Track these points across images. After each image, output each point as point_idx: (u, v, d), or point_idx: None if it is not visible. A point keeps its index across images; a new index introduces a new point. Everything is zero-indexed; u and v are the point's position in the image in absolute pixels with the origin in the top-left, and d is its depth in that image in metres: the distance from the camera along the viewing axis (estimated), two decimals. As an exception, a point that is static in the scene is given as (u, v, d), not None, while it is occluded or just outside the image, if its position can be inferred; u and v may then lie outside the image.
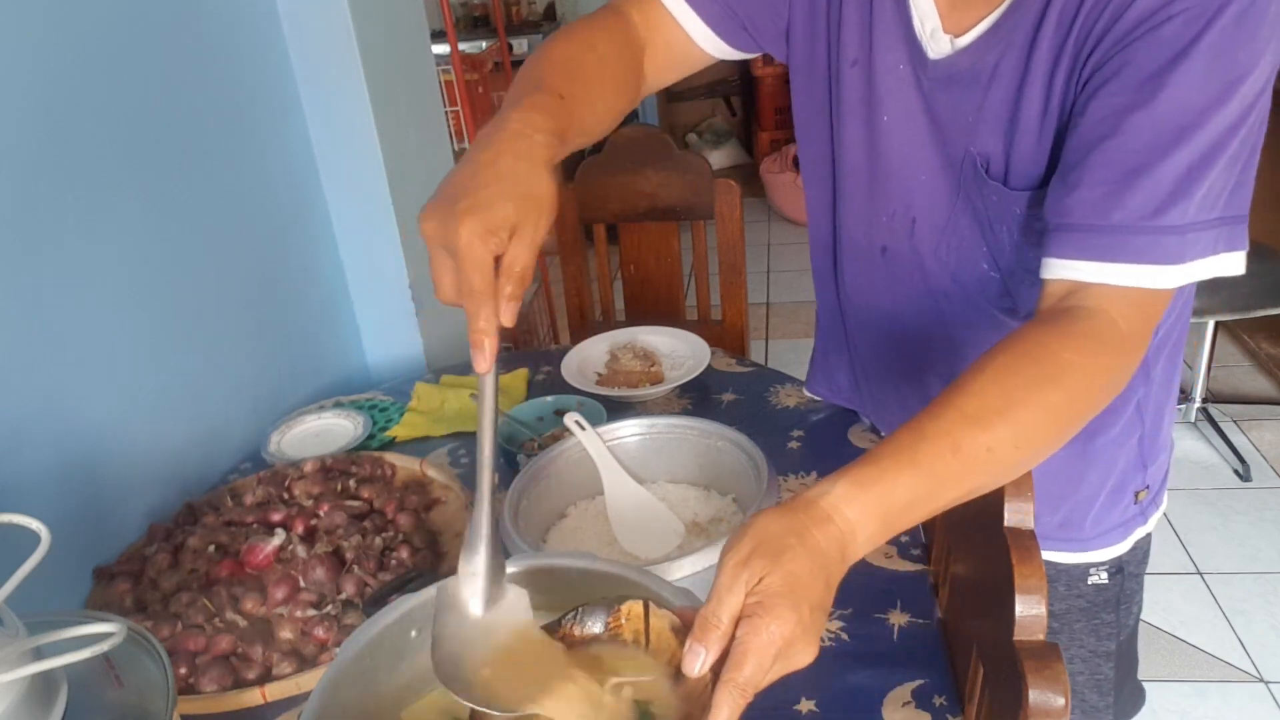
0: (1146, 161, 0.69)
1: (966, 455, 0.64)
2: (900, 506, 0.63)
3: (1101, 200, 0.70)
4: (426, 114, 1.79)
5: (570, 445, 1.03)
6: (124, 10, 1.17)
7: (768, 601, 0.57)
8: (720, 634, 0.57)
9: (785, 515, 0.61)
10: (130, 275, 1.18)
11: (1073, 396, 0.68)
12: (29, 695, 0.53)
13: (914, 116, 0.87)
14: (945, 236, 0.89)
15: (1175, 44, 0.68)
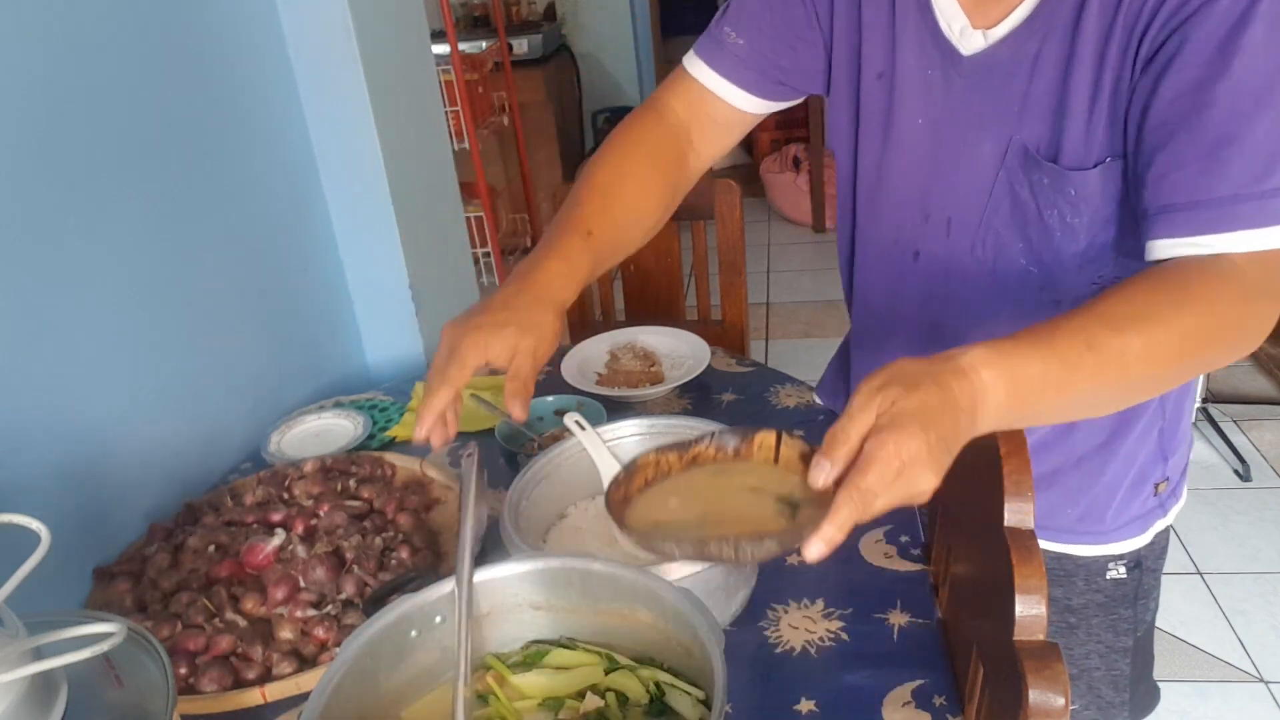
0: (1235, 131, 0.70)
1: (1099, 352, 0.66)
2: (1032, 382, 0.65)
3: (1200, 176, 0.71)
4: (426, 114, 1.79)
5: (570, 445, 1.03)
6: (123, 10, 1.17)
7: (899, 420, 0.59)
8: (848, 449, 0.60)
9: (925, 361, 0.64)
10: (130, 275, 1.18)
11: (1203, 325, 0.69)
12: (29, 695, 0.53)
13: (949, 117, 0.88)
14: (982, 233, 0.90)
15: (1233, 12, 0.69)
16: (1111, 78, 0.77)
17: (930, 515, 1.12)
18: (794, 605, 0.97)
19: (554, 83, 4.21)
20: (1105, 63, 0.77)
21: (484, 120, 2.66)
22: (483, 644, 0.79)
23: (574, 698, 0.73)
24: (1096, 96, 0.78)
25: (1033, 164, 0.84)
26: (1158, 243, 0.74)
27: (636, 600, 0.74)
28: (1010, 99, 0.84)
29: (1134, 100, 0.76)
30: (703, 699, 0.70)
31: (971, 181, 0.89)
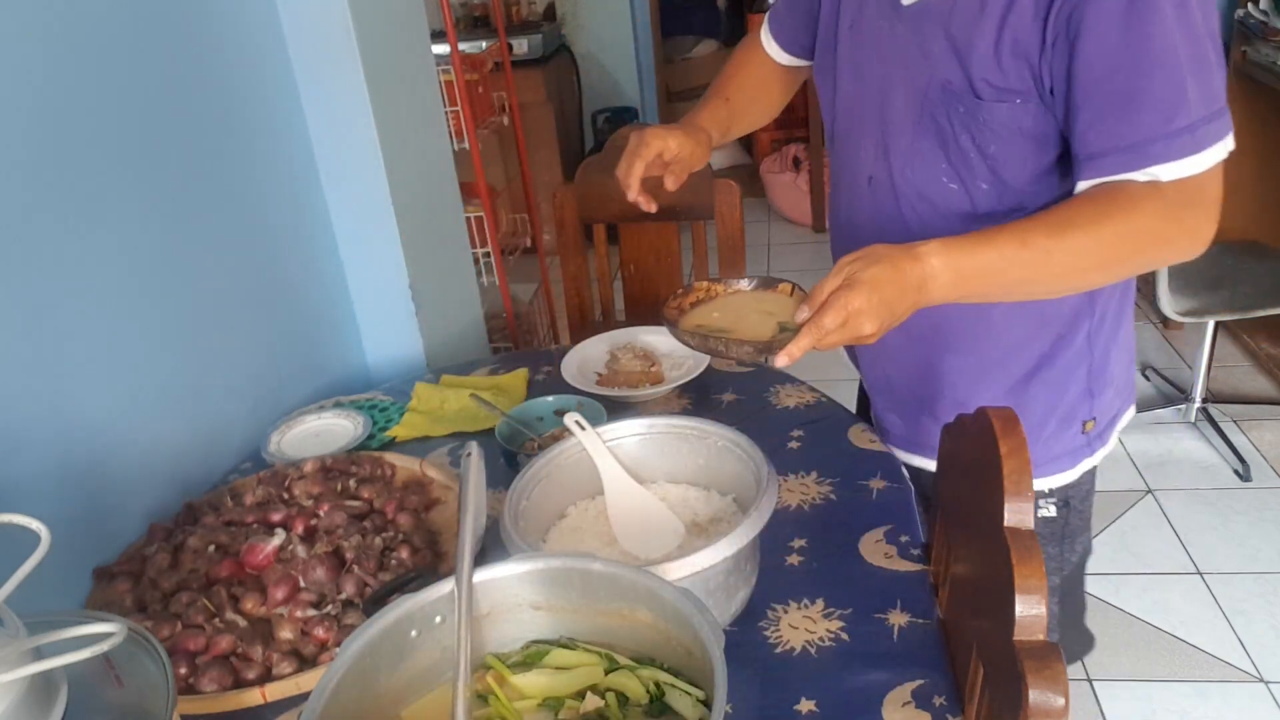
0: (1140, 86, 0.86)
1: (1031, 249, 0.87)
2: (973, 269, 0.87)
3: (1116, 125, 0.87)
4: (426, 114, 1.79)
5: (570, 445, 1.03)
6: (123, 11, 1.17)
7: (854, 282, 0.84)
8: (819, 300, 0.86)
9: (890, 247, 0.87)
10: (130, 275, 1.18)
11: (1121, 232, 0.88)
12: (29, 695, 0.53)
13: (889, 55, 1.05)
14: (910, 157, 1.06)
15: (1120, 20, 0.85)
16: (1011, 36, 0.92)
17: (930, 515, 1.12)
18: (794, 605, 0.97)
19: (554, 83, 4.20)
20: (1007, 21, 0.92)
21: (484, 120, 2.66)
22: (483, 644, 0.79)
23: (574, 698, 0.74)
24: (999, 46, 0.93)
25: (951, 95, 0.99)
26: (1086, 183, 0.91)
27: (636, 600, 0.74)
28: (935, 41, 0.99)
29: (1053, 70, 0.92)
30: (703, 699, 0.70)
31: (905, 111, 1.05)
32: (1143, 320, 3.39)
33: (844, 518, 1.10)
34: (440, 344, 1.77)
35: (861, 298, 0.84)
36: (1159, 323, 3.36)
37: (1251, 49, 3.03)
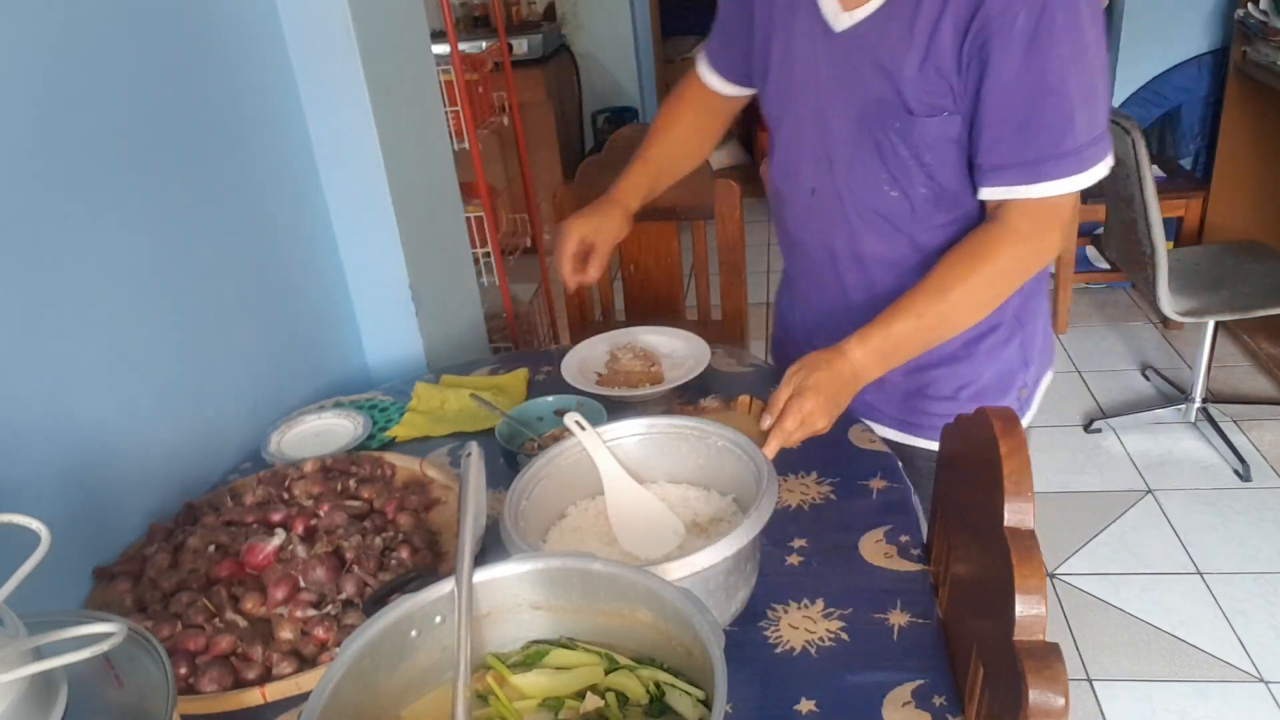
0: (1037, 111, 1.00)
1: (926, 317, 1.06)
2: (889, 348, 1.07)
3: (1013, 144, 1.03)
4: (426, 114, 1.79)
5: (570, 445, 1.03)
6: (123, 11, 1.17)
7: (804, 390, 1.02)
8: (777, 408, 1.03)
9: (823, 352, 1.05)
10: (131, 276, 1.18)
11: (996, 272, 1.07)
12: (29, 695, 0.53)
13: (824, 76, 1.15)
14: (851, 169, 1.17)
15: (1027, 29, 0.97)
16: (935, 57, 1.04)
17: (930, 515, 1.12)
18: (794, 605, 0.97)
19: (554, 83, 4.21)
20: (931, 49, 1.04)
21: (484, 120, 2.66)
22: (483, 644, 0.79)
23: (574, 698, 0.74)
24: (924, 66, 1.05)
25: (886, 110, 1.10)
26: (986, 189, 1.08)
27: (636, 600, 0.74)
28: (867, 63, 1.10)
29: (965, 88, 1.05)
30: (703, 699, 0.70)
31: (844, 127, 1.15)
32: (1143, 320, 3.39)
33: (844, 518, 1.10)
34: (440, 344, 1.77)
35: (811, 401, 1.02)
36: (1159, 323, 3.36)
37: (1251, 49, 3.03)
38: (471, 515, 0.83)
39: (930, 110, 1.07)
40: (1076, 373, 3.10)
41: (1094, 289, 3.63)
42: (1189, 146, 3.56)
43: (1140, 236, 2.41)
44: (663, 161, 1.38)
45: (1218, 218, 3.27)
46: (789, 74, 1.19)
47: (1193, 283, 2.53)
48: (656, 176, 1.37)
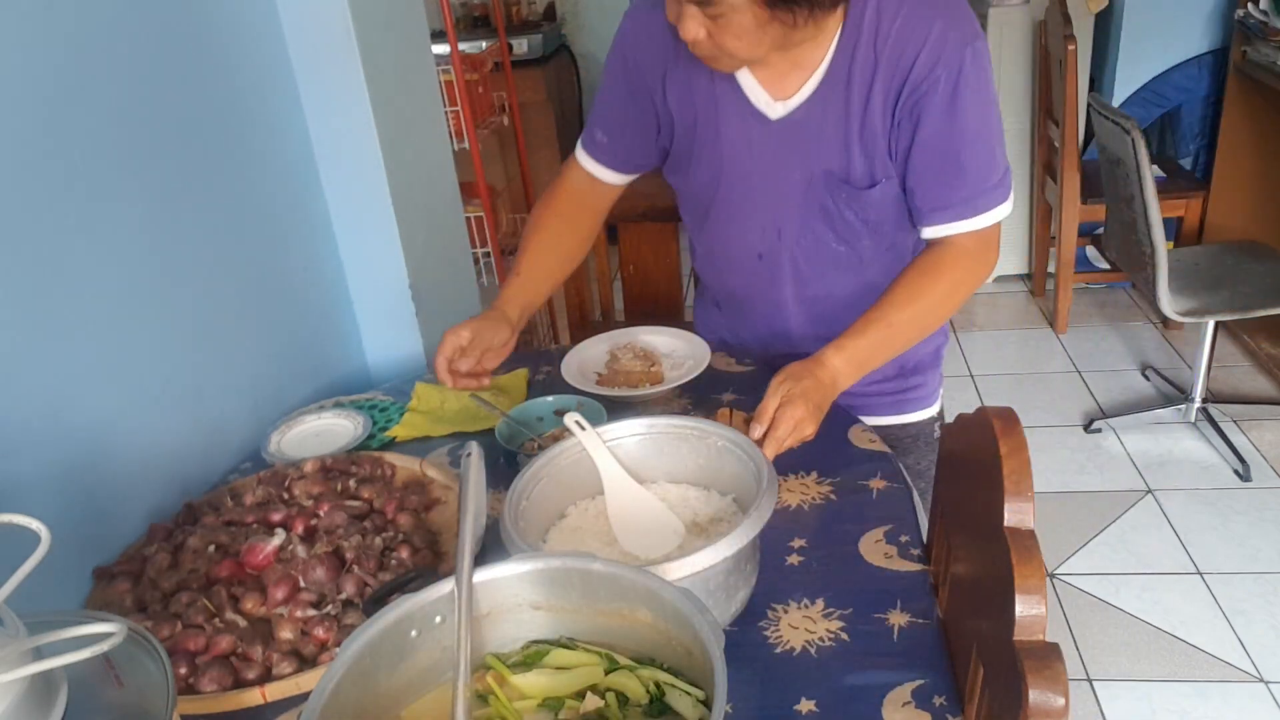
0: (967, 155, 1.15)
1: (894, 326, 1.17)
2: (862, 356, 1.16)
3: (952, 186, 1.17)
4: (426, 114, 1.79)
5: (570, 445, 1.03)
6: (123, 11, 1.17)
7: (792, 398, 1.09)
8: (767, 417, 1.08)
9: (803, 363, 1.14)
10: (130, 275, 1.18)
11: (949, 288, 1.20)
12: (29, 695, 0.53)
13: (769, 159, 1.24)
14: (801, 235, 1.29)
15: (947, 92, 1.11)
16: (870, 134, 1.17)
17: (930, 515, 1.12)
18: (794, 605, 0.97)
19: (554, 83, 4.21)
20: (866, 122, 1.16)
21: (484, 120, 2.66)
22: (483, 644, 0.79)
23: (574, 698, 0.74)
24: (863, 141, 1.18)
25: (834, 183, 1.22)
26: (926, 228, 1.21)
27: (636, 600, 0.74)
28: (809, 144, 1.20)
29: (897, 147, 1.17)
30: (703, 699, 0.70)
31: (791, 200, 1.26)
32: (1143, 320, 3.39)
33: (844, 518, 1.10)
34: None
35: (800, 408, 1.08)
36: (1159, 323, 3.36)
37: (1251, 49, 3.03)
38: (471, 515, 0.83)
39: (870, 181, 1.21)
40: (1076, 373, 3.11)
41: (1094, 289, 3.63)
42: (1189, 146, 3.56)
43: (1140, 236, 2.41)
44: (539, 274, 1.35)
45: (1218, 218, 3.27)
46: (719, 158, 1.27)
47: (1193, 283, 2.53)
48: (535, 290, 1.34)
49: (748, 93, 1.21)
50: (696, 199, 1.35)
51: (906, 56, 1.11)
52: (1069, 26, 2.91)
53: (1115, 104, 3.50)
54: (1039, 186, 3.46)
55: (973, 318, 3.54)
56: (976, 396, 3.01)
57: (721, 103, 1.22)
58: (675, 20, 1.09)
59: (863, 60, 1.13)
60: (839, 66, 1.14)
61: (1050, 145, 3.30)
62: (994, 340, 3.37)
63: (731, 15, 1.04)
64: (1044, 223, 3.51)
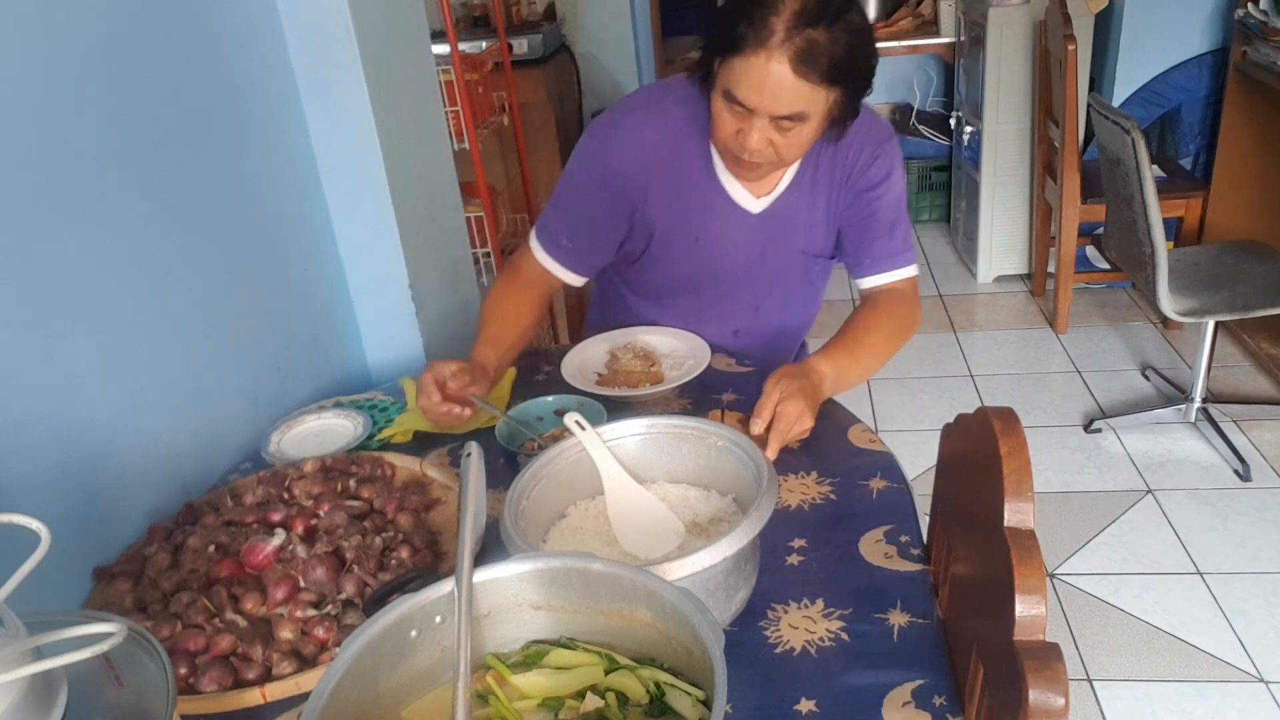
0: (896, 220, 1.44)
1: (864, 347, 1.38)
2: (840, 372, 1.31)
3: (889, 244, 1.45)
4: (426, 114, 1.79)
5: (570, 445, 1.03)
6: (123, 11, 1.17)
7: (789, 395, 1.20)
8: (768, 413, 1.19)
9: (797, 366, 1.27)
10: (130, 275, 1.18)
11: (896, 326, 1.43)
12: (29, 695, 0.53)
13: (750, 247, 1.46)
14: (779, 308, 1.57)
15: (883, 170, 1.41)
16: (830, 215, 1.45)
17: (930, 515, 1.12)
18: (794, 605, 0.97)
19: (554, 83, 4.20)
20: (829, 207, 1.44)
21: (484, 120, 2.66)
22: (483, 644, 0.79)
23: (574, 698, 0.73)
24: (828, 222, 1.46)
25: (808, 259, 1.50)
26: (871, 278, 1.46)
27: (636, 600, 0.74)
28: (787, 230, 1.45)
29: (847, 216, 1.44)
30: (703, 699, 0.70)
31: (772, 281, 1.52)
32: (1142, 320, 3.39)
33: (844, 518, 1.10)
34: (440, 344, 1.77)
35: (799, 404, 1.19)
36: (1159, 323, 3.36)
37: (1251, 49, 3.03)
38: (471, 515, 0.83)
39: (829, 253, 1.50)
40: (1076, 373, 3.11)
41: (1094, 289, 3.63)
42: (1189, 146, 3.56)
43: (1140, 236, 2.41)
44: (502, 346, 1.39)
45: (1218, 218, 3.27)
46: (704, 254, 1.46)
47: (1193, 283, 2.53)
48: (501, 355, 1.38)
49: (731, 193, 1.41)
50: (664, 287, 1.53)
51: (855, 154, 1.39)
52: (1069, 26, 2.91)
53: (1115, 104, 3.50)
54: (1039, 186, 3.46)
55: (973, 318, 3.54)
56: (976, 396, 3.01)
57: (707, 204, 1.41)
58: (732, 135, 1.26)
59: (824, 160, 1.40)
60: (807, 167, 1.41)
61: (1050, 145, 3.30)
62: (994, 340, 3.37)
63: (802, 128, 1.24)
64: (1044, 223, 3.51)
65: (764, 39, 1.16)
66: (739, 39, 1.18)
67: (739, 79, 1.20)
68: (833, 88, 1.21)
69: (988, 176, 3.56)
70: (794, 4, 1.15)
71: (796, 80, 1.17)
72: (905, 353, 3.44)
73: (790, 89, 1.18)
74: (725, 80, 1.23)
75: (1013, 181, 3.56)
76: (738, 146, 1.27)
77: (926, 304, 3.67)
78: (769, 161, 1.29)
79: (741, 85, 1.20)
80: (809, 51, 1.16)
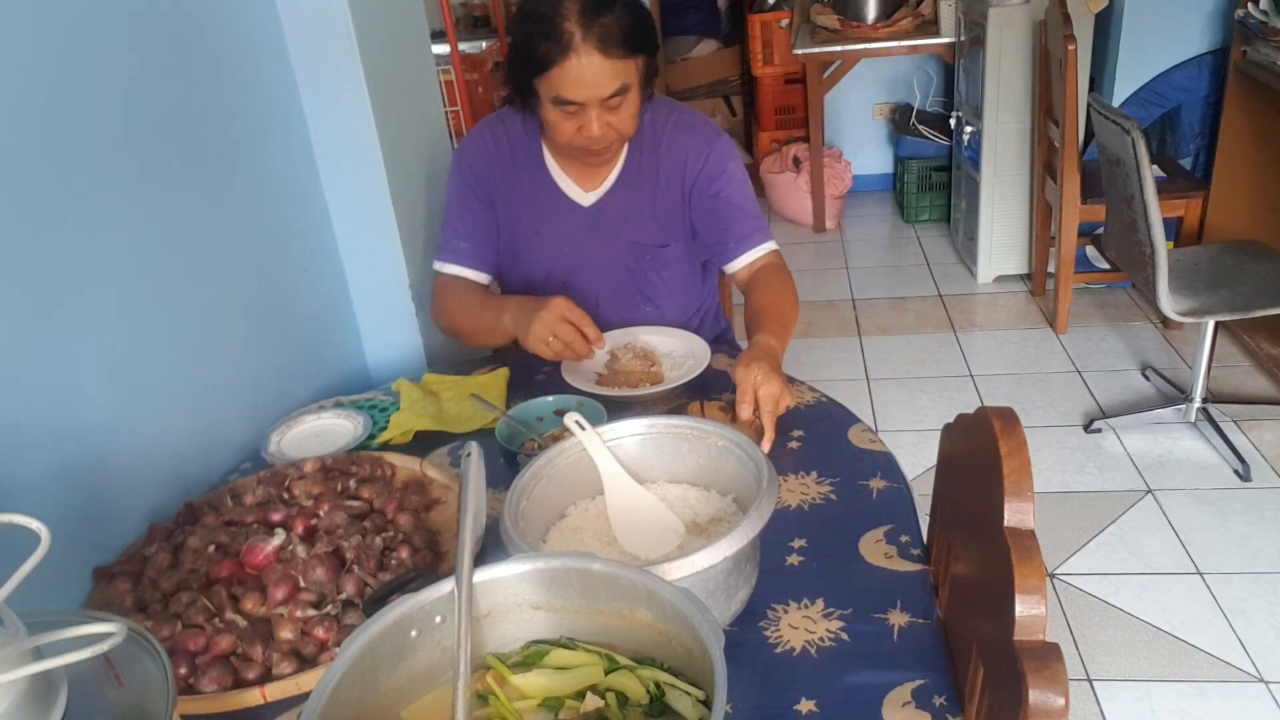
0: (747, 200, 1.57)
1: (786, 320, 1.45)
2: (781, 344, 1.38)
3: (748, 221, 1.56)
4: (426, 114, 1.79)
5: (570, 445, 1.03)
6: (123, 12, 1.17)
7: (765, 379, 1.24)
8: (751, 395, 1.23)
9: (753, 348, 1.33)
10: (131, 275, 1.18)
11: (792, 293, 1.52)
12: (29, 695, 0.53)
13: (583, 238, 1.57)
14: (616, 295, 1.61)
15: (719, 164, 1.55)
16: (664, 210, 1.56)
17: (930, 515, 1.12)
18: (794, 605, 0.97)
19: (554, 83, 4.21)
20: (657, 199, 1.56)
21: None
22: (483, 644, 0.79)
23: (574, 698, 0.74)
24: (655, 213, 1.56)
25: (638, 249, 1.59)
26: (745, 255, 1.56)
27: (636, 600, 0.74)
28: (616, 222, 1.56)
29: (696, 213, 1.57)
30: (703, 699, 0.70)
31: (606, 271, 1.60)
32: (1142, 320, 3.39)
33: (844, 518, 1.10)
34: (440, 344, 1.77)
35: (776, 383, 1.24)
36: (1159, 323, 3.36)
37: (1251, 49, 3.03)
38: (471, 515, 0.83)
39: (663, 241, 1.59)
40: (1076, 373, 3.10)
41: (1094, 289, 3.63)
42: (1189, 146, 3.56)
43: (1140, 236, 2.41)
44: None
45: (1218, 218, 3.27)
46: (543, 246, 1.58)
47: (1193, 283, 2.53)
48: None
49: (563, 188, 1.55)
50: (525, 285, 1.62)
51: (683, 154, 1.53)
52: (1069, 26, 2.91)
53: (1115, 104, 3.50)
54: (1039, 186, 3.46)
55: (973, 318, 3.54)
56: (976, 396, 3.00)
57: (542, 199, 1.55)
58: (574, 133, 1.38)
59: (648, 156, 1.54)
60: (632, 162, 1.54)
61: (1050, 145, 3.30)
62: (994, 340, 3.37)
63: (627, 100, 1.37)
64: (1044, 223, 3.51)
65: (567, 43, 1.30)
66: (546, 55, 1.31)
67: (562, 84, 1.33)
68: (636, 55, 1.36)
69: (988, 176, 3.56)
70: (573, 3, 1.30)
71: (608, 62, 1.32)
72: (906, 353, 3.43)
73: (607, 72, 1.32)
74: (550, 91, 1.35)
75: (1013, 181, 3.56)
76: (584, 140, 1.40)
77: (927, 304, 3.67)
78: (615, 140, 1.43)
79: (566, 87, 1.33)
80: (607, 36, 1.31)
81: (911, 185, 4.36)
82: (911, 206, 4.42)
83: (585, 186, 1.55)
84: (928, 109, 4.50)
